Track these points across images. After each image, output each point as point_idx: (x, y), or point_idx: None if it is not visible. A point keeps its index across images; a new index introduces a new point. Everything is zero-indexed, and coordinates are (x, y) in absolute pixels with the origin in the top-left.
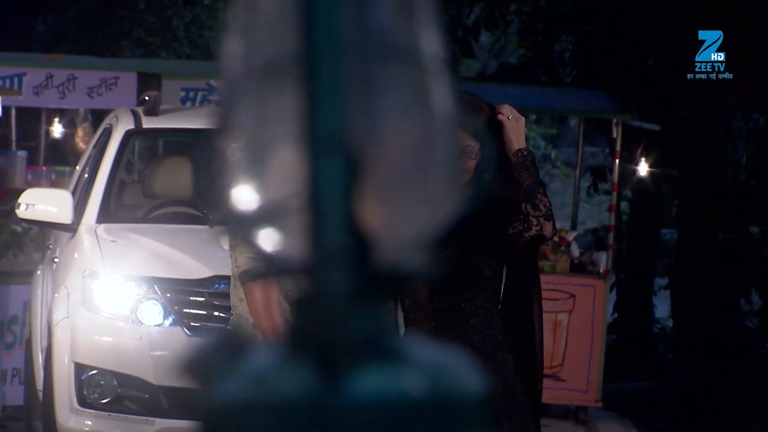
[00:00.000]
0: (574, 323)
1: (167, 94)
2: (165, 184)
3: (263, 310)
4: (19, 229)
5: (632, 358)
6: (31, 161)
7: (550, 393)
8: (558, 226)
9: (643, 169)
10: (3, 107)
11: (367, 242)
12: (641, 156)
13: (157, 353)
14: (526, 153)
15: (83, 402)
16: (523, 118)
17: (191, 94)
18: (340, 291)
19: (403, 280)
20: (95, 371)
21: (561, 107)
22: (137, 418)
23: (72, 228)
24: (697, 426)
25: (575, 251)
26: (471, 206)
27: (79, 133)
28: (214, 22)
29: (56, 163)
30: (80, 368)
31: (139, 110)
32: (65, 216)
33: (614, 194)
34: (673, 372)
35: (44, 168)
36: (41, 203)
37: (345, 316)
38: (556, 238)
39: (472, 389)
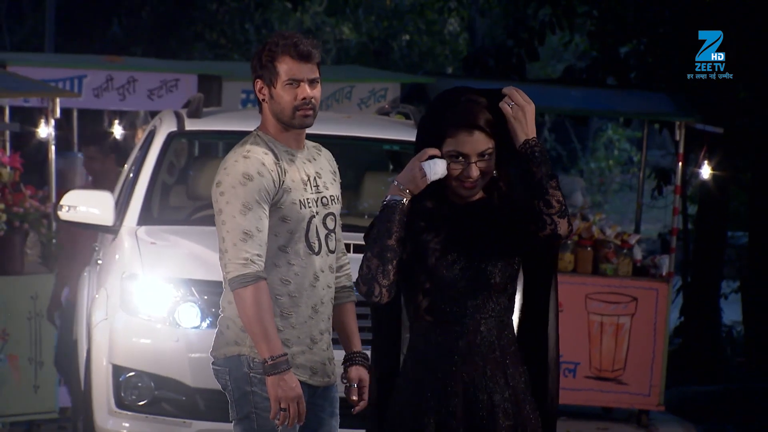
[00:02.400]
0: (636, 327)
1: (228, 96)
2: (208, 185)
3: (254, 316)
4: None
5: (698, 361)
6: None
7: (612, 396)
8: (621, 229)
9: (705, 171)
10: (64, 109)
11: None
12: (704, 159)
13: (195, 355)
14: (533, 143)
15: (120, 404)
16: (531, 104)
17: (252, 96)
18: None
19: None
20: (133, 373)
21: (624, 110)
22: (174, 420)
23: (113, 230)
24: (762, 430)
25: (638, 254)
26: (482, 207)
27: (140, 135)
28: (285, 24)
29: (117, 164)
30: (118, 370)
31: (183, 112)
32: (107, 218)
33: (677, 197)
34: (741, 376)
35: None
36: (83, 205)
37: None
38: (618, 241)
39: None
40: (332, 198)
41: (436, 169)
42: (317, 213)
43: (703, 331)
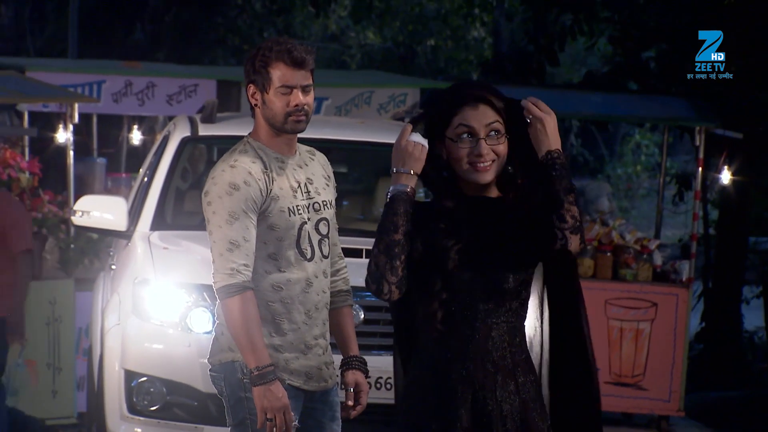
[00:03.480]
0: (656, 332)
1: (247, 101)
2: None
3: (240, 326)
4: (95, 235)
5: (720, 367)
6: (112, 168)
7: (632, 402)
8: (641, 234)
9: (725, 177)
10: (83, 114)
11: None
12: (724, 164)
13: (206, 360)
14: (555, 155)
15: (132, 409)
16: (550, 114)
17: None
18: None
19: None
20: (145, 378)
21: (643, 115)
22: (186, 426)
23: (127, 235)
24: None
25: (658, 260)
26: (498, 207)
27: (158, 140)
28: (308, 29)
29: (136, 170)
30: (130, 375)
31: (197, 117)
32: (120, 223)
33: (697, 202)
34: (762, 382)
35: (124, 175)
36: (96, 210)
37: None
38: (638, 246)
39: None
40: (324, 203)
41: (421, 138)
42: (309, 219)
43: (724, 336)
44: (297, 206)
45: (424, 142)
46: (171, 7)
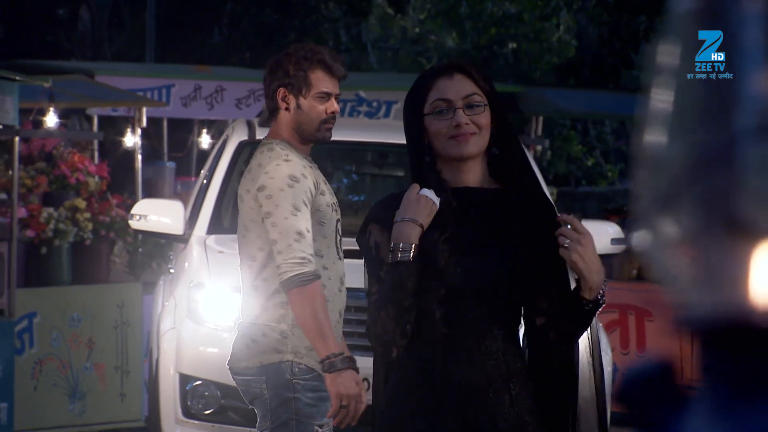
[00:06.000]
0: None
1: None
2: None
3: (312, 314)
4: (162, 239)
5: None
6: (182, 172)
7: None
8: None
9: None
10: (154, 118)
11: None
12: None
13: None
14: (597, 300)
15: (187, 413)
16: (589, 235)
17: (340, 105)
18: None
19: None
20: (199, 382)
21: None
22: (240, 429)
23: (184, 239)
24: None
25: None
26: (490, 200)
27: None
28: (387, 31)
29: None
30: (185, 379)
31: (255, 121)
32: (177, 227)
33: None
34: None
35: (193, 179)
36: (153, 214)
37: None
38: None
39: None
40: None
41: (433, 195)
42: (339, 218)
43: None
44: (334, 203)
45: (436, 200)
46: (248, 10)
